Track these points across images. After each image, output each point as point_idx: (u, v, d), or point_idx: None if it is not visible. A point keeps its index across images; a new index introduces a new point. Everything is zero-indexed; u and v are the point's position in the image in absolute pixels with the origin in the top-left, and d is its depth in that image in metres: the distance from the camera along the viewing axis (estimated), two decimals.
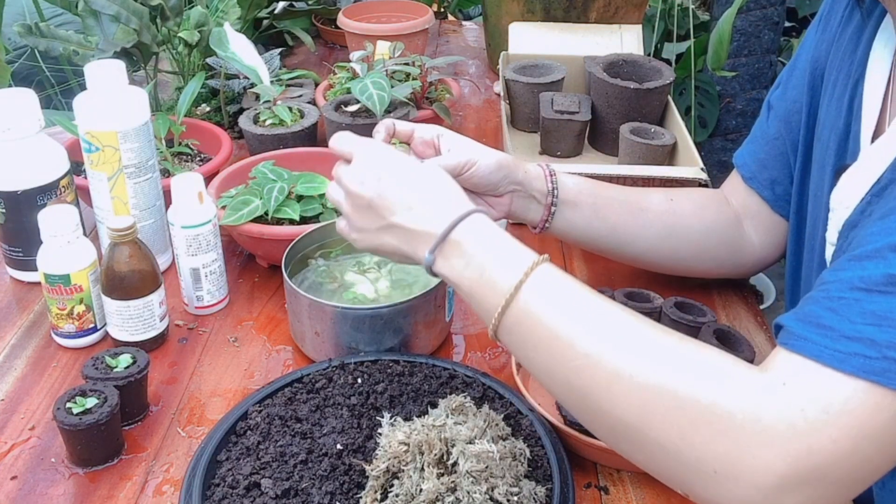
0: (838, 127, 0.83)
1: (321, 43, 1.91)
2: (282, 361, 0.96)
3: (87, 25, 1.32)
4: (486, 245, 0.71)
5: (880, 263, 0.59)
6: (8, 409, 0.89)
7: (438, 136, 0.87)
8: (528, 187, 0.90)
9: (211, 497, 0.73)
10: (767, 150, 0.98)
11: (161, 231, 1.08)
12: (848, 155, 0.81)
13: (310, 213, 1.06)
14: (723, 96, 2.71)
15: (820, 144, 0.88)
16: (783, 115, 0.96)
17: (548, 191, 0.91)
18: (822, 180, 0.85)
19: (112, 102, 0.99)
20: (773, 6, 2.60)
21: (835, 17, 0.89)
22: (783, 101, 0.96)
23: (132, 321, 0.94)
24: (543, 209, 0.92)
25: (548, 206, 0.92)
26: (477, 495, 0.68)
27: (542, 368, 0.68)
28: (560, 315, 0.66)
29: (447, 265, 0.72)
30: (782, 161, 0.97)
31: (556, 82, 1.38)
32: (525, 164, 0.92)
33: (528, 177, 0.90)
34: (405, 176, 0.75)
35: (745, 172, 1.00)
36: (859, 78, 0.81)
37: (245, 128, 1.30)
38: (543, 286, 0.68)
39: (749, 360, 0.87)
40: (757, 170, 0.99)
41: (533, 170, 0.92)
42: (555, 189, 0.92)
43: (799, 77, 0.94)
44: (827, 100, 0.87)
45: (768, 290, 2.63)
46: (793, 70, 0.96)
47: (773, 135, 0.97)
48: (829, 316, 0.60)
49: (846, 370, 0.57)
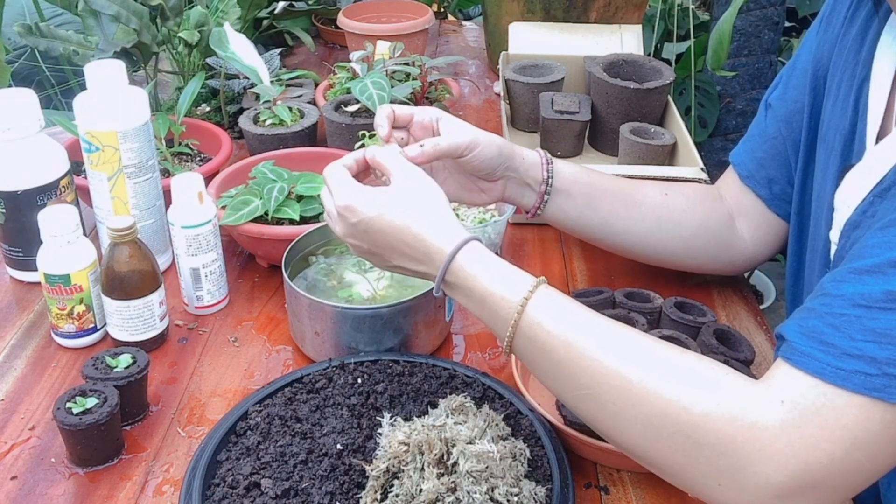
0: (843, 128, 0.83)
1: (321, 43, 1.91)
2: (282, 361, 0.96)
3: (87, 25, 1.32)
4: (484, 274, 0.73)
5: (880, 280, 0.61)
6: (8, 409, 0.89)
7: (437, 119, 0.87)
8: (523, 174, 0.91)
9: (211, 497, 0.73)
10: (766, 149, 0.98)
11: (161, 231, 1.07)
12: (853, 155, 0.81)
13: (310, 213, 1.06)
14: (723, 96, 2.71)
15: (824, 146, 0.87)
16: (784, 115, 0.96)
17: (543, 179, 0.92)
18: (826, 181, 0.85)
19: (112, 102, 0.99)
20: (773, 6, 2.60)
21: (837, 18, 0.89)
22: (783, 101, 0.96)
23: (132, 321, 0.94)
24: (537, 196, 0.93)
25: (541, 194, 0.92)
26: (477, 495, 0.68)
27: (553, 382, 0.71)
28: (566, 331, 0.69)
29: (457, 295, 0.75)
30: (781, 161, 0.97)
31: (556, 82, 1.38)
32: (523, 150, 0.92)
33: (524, 163, 0.91)
34: (390, 222, 0.76)
35: (742, 171, 1.00)
36: (864, 78, 0.81)
37: (245, 128, 1.30)
38: (545, 304, 0.71)
39: (749, 361, 0.88)
40: (754, 168, 0.99)
41: (530, 156, 0.92)
42: (550, 178, 0.92)
43: (800, 77, 0.94)
44: (831, 101, 0.87)
45: (768, 290, 2.62)
46: (793, 70, 0.96)
47: (772, 134, 0.97)
48: (830, 333, 0.62)
49: (847, 387, 0.60)
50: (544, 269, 1.11)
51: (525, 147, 0.93)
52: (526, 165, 0.91)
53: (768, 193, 0.99)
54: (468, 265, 0.73)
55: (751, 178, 1.00)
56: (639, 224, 0.97)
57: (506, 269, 0.73)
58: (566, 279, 1.10)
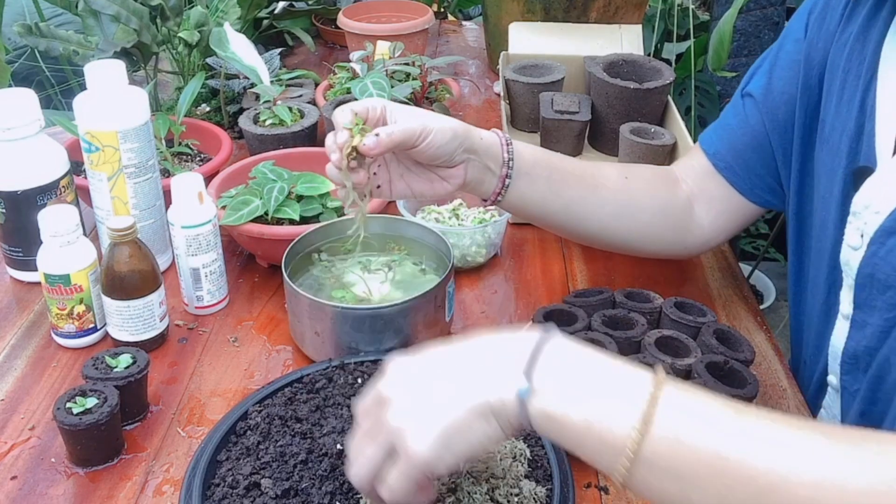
0: (849, 129, 0.82)
1: (321, 43, 1.91)
2: (282, 361, 0.96)
3: (87, 25, 1.32)
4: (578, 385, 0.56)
5: None
6: (8, 409, 0.89)
7: (383, 107, 0.83)
8: (483, 156, 0.87)
9: (211, 497, 0.73)
10: (746, 140, 0.96)
11: (161, 231, 1.07)
12: (861, 156, 0.80)
13: (310, 213, 1.06)
14: (723, 96, 2.71)
15: (827, 147, 0.86)
16: (769, 108, 0.94)
17: (503, 161, 0.89)
18: (833, 183, 0.84)
19: (112, 102, 0.99)
20: (773, 6, 2.60)
21: (832, 16, 0.88)
22: (768, 93, 0.94)
23: (132, 321, 0.94)
24: (497, 180, 0.89)
25: (502, 178, 0.89)
26: (477, 496, 0.68)
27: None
28: (717, 434, 0.52)
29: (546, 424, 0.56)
30: (762, 152, 0.95)
31: (556, 82, 1.38)
32: (480, 130, 0.89)
33: (483, 144, 0.87)
34: (441, 349, 0.61)
35: (718, 162, 0.98)
36: (871, 78, 0.80)
37: (245, 128, 1.30)
38: (679, 407, 0.54)
39: (749, 361, 0.88)
40: (731, 159, 0.97)
41: (488, 137, 0.89)
42: (510, 160, 0.89)
43: (786, 69, 0.92)
44: (834, 103, 0.86)
45: (768, 290, 2.63)
46: (776, 61, 0.94)
47: (753, 125, 0.95)
48: None
49: None
50: (544, 269, 1.11)
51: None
52: (485, 146, 0.87)
53: (746, 184, 0.97)
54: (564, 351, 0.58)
55: (728, 169, 0.97)
56: (600, 209, 0.95)
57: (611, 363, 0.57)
58: (566, 279, 1.10)
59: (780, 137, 0.94)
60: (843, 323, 0.85)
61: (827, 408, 0.92)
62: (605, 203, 0.95)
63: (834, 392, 0.89)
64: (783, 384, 0.94)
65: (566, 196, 0.93)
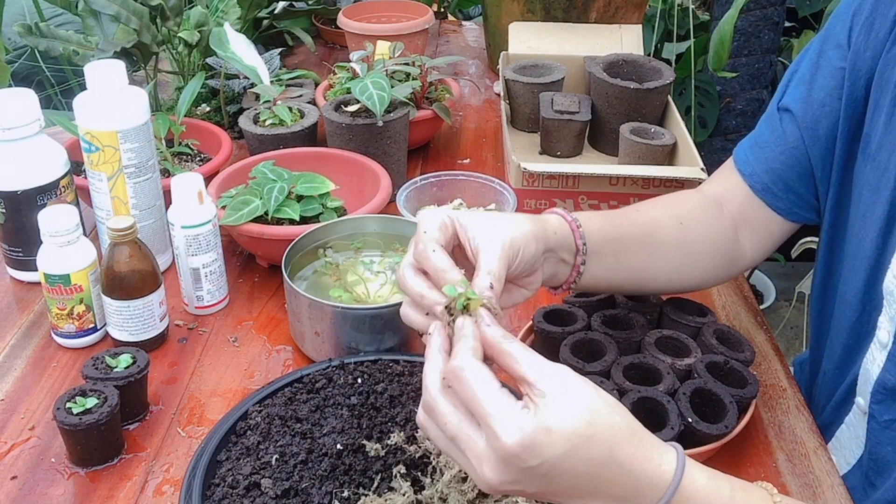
0: None
1: (321, 43, 1.91)
2: (282, 361, 0.96)
3: (87, 25, 1.33)
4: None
5: None
6: (8, 409, 0.89)
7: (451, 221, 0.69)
8: (558, 250, 0.78)
9: (211, 497, 0.73)
10: (783, 159, 0.91)
11: (161, 231, 1.08)
12: None
13: (310, 213, 1.06)
14: (723, 96, 2.71)
15: (872, 164, 0.82)
16: (809, 122, 0.88)
17: (577, 249, 0.80)
18: (875, 201, 0.81)
19: (112, 102, 0.99)
20: (773, 6, 2.60)
21: (881, 24, 0.82)
22: (808, 104, 0.88)
23: (132, 321, 0.94)
24: (572, 269, 0.81)
25: (577, 267, 0.81)
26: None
27: None
28: None
29: None
30: (802, 170, 0.90)
31: (556, 82, 1.38)
32: (547, 219, 0.79)
33: (557, 238, 0.78)
34: (586, 458, 0.56)
35: (755, 184, 0.93)
36: None
37: (245, 128, 1.30)
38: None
39: (749, 361, 0.88)
40: (770, 180, 0.92)
41: (558, 226, 0.79)
42: (584, 245, 0.80)
43: (828, 78, 0.87)
44: (884, 119, 0.81)
45: (768, 290, 2.63)
46: (816, 70, 0.88)
47: (791, 143, 0.90)
48: None
49: None
50: None
51: (525, 147, 0.91)
52: (559, 240, 0.78)
53: (785, 205, 0.92)
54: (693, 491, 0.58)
55: (766, 191, 0.92)
56: (664, 268, 0.90)
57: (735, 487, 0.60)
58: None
59: (820, 151, 0.89)
60: (879, 351, 0.83)
61: (850, 426, 0.89)
62: (668, 261, 0.90)
63: (860, 413, 0.87)
64: (783, 384, 0.94)
65: (633, 266, 0.87)
